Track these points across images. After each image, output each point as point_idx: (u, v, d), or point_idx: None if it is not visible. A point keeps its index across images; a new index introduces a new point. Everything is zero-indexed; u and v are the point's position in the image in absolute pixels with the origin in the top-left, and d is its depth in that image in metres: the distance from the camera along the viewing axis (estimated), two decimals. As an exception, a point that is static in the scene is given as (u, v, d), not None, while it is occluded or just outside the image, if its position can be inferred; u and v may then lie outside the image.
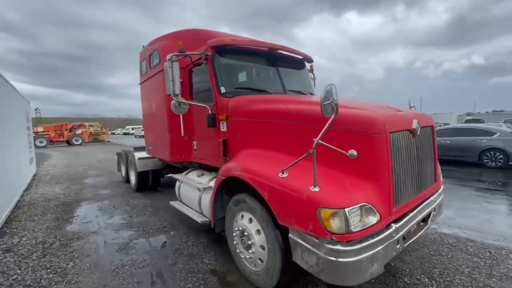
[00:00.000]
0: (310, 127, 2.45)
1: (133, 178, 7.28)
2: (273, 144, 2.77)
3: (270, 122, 2.83)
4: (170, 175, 5.09)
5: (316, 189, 2.05)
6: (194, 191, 3.89)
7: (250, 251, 2.72)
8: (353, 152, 2.09)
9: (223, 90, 3.48)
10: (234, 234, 2.93)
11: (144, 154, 6.79)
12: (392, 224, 2.22)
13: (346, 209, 1.93)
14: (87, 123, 33.87)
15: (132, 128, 72.50)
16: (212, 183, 3.60)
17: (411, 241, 2.44)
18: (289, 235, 2.28)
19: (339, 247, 1.93)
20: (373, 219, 2.04)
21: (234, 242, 2.96)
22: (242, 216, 2.86)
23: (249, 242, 2.70)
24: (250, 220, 2.74)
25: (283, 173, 2.30)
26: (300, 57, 4.26)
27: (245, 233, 2.75)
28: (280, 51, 3.97)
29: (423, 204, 2.67)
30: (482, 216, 4.84)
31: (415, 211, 2.52)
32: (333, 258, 1.94)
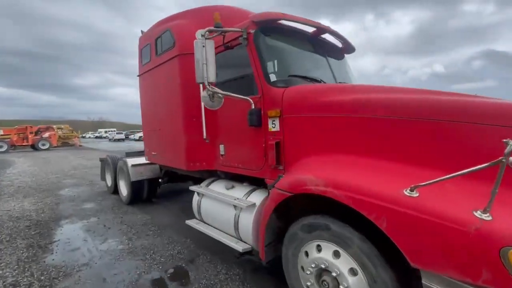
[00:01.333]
0: (441, 124, 1.74)
1: (124, 189, 6.17)
2: (368, 148, 2.02)
3: (361, 118, 2.08)
4: (175, 184, 4.17)
5: (489, 217, 1.34)
6: (226, 209, 3.04)
7: (338, 299, 1.94)
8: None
9: (273, 78, 2.69)
10: (307, 272, 2.13)
11: (138, 160, 5.76)
12: None
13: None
14: (55, 125, 31.02)
15: (105, 131, 68.88)
16: (256, 199, 2.77)
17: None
18: (423, 282, 1.55)
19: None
20: None
21: (308, 284, 2.16)
22: (319, 247, 2.08)
23: (340, 287, 1.92)
24: (336, 254, 1.97)
25: (411, 191, 1.57)
26: (349, 44, 3.59)
27: (329, 273, 1.97)
28: (331, 35, 3.28)
29: None
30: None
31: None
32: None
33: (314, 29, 3.14)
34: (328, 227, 1.99)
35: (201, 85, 2.96)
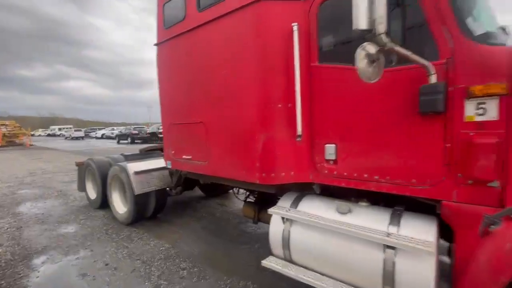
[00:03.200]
0: None
1: (120, 204, 4.59)
2: None
3: None
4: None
5: None
6: (360, 249, 1.87)
7: None
8: None
9: (476, 30, 1.58)
10: None
11: (141, 165, 4.27)
12: None
13: None
14: (-2, 121, 26.45)
15: (59, 129, 62.02)
16: (424, 235, 1.65)
17: None
18: None
19: None
20: None
21: None
22: None
23: None
24: None
25: None
26: None
27: None
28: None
29: None
30: None
31: None
32: None
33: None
34: None
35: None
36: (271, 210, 2.35)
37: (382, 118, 1.86)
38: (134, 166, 4.21)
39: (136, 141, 26.51)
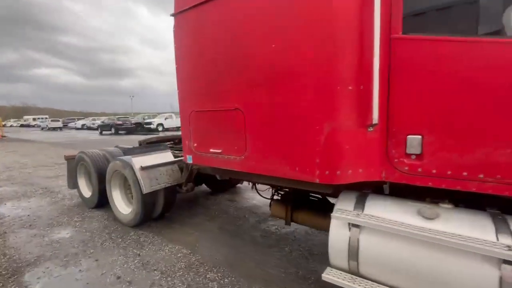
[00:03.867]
0: None
1: (123, 205, 4.06)
2: None
3: None
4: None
5: None
6: (464, 265, 1.52)
7: None
8: None
9: None
10: None
11: (146, 159, 3.74)
12: None
13: None
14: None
15: (34, 119, 58.61)
16: None
17: None
18: None
19: None
20: None
21: None
22: None
23: None
24: None
25: None
26: None
27: None
28: None
29: None
30: None
31: None
32: None
33: None
34: None
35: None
36: (335, 215, 1.95)
37: (493, 102, 1.49)
38: (139, 161, 3.67)
39: (119, 131, 25.30)
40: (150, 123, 26.32)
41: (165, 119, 27.81)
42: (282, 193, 3.39)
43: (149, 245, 3.34)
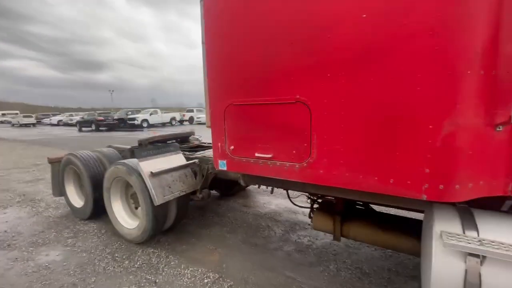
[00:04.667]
0: None
1: (126, 218, 3.41)
2: None
3: None
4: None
5: None
6: None
7: None
8: None
9: None
10: None
11: (155, 164, 3.12)
12: None
13: None
14: None
15: (3, 114, 54.63)
16: None
17: None
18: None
19: None
20: None
21: None
22: None
23: None
24: None
25: None
26: None
27: None
28: None
29: None
30: None
31: None
32: None
33: None
34: None
35: None
36: (451, 243, 1.47)
37: None
38: (148, 165, 3.04)
39: (101, 128, 23.84)
40: (134, 119, 24.99)
41: (150, 114, 26.56)
42: (321, 200, 2.92)
43: (164, 268, 2.75)
